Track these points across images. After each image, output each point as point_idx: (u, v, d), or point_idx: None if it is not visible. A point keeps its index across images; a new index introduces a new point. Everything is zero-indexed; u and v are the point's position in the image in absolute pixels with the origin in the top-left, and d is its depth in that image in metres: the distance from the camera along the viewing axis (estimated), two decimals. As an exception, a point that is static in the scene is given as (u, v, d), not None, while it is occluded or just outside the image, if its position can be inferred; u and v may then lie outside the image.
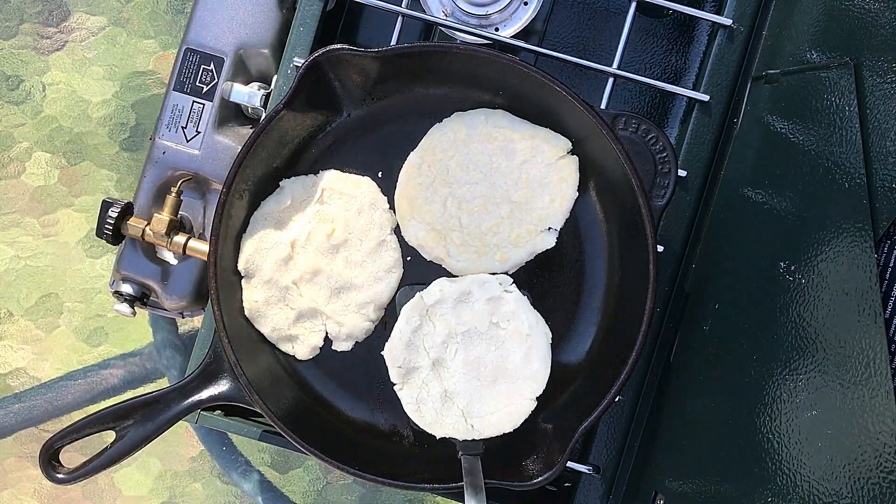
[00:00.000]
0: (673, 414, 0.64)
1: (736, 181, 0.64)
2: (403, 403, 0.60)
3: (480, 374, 0.60)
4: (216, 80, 0.72)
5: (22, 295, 0.89)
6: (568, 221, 0.63)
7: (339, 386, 0.65)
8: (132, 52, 0.89)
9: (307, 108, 0.61)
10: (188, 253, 0.69)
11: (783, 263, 0.52)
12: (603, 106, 0.66)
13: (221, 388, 0.60)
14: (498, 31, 0.67)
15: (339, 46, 0.57)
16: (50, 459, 0.59)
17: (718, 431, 0.55)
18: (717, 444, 0.55)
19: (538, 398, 0.60)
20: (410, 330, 0.60)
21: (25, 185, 0.89)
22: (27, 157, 0.89)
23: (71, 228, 0.89)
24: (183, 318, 0.82)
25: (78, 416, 0.85)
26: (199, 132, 0.73)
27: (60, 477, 0.59)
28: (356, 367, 0.65)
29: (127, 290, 0.74)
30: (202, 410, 0.68)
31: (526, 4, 0.67)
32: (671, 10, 0.67)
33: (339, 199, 0.63)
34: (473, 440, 0.60)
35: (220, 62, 0.72)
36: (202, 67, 0.72)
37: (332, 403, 0.65)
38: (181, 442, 0.89)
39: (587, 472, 0.67)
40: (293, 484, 0.89)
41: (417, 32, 0.72)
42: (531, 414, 0.61)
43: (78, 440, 0.59)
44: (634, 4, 0.67)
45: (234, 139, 0.73)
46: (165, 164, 0.73)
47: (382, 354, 0.61)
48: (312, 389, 0.65)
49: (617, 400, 0.60)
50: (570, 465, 0.66)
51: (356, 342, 0.64)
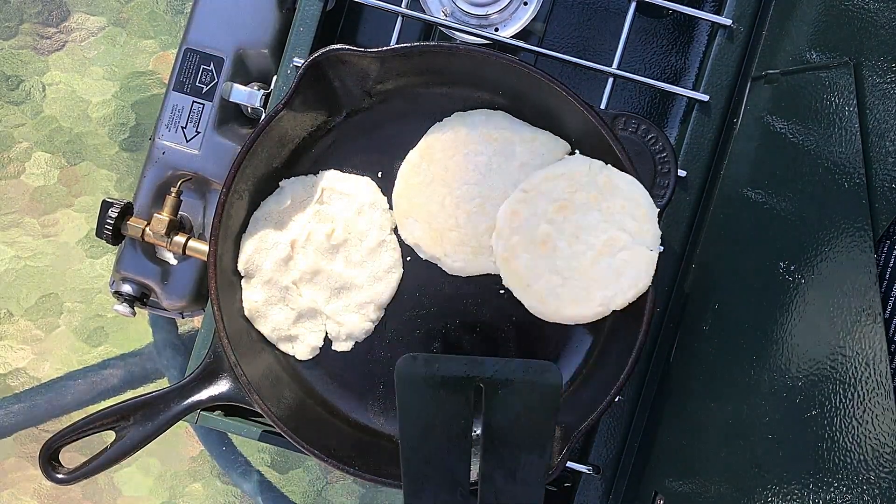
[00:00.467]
0: (673, 414, 0.64)
1: (736, 181, 0.64)
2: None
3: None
4: (216, 80, 0.72)
5: (22, 295, 0.89)
6: (568, 221, 0.62)
7: (339, 386, 0.65)
8: (132, 52, 0.89)
9: (307, 108, 0.61)
10: (188, 253, 0.69)
11: (783, 263, 0.52)
12: (603, 106, 0.66)
13: (221, 388, 0.61)
14: (498, 31, 0.67)
15: (339, 46, 0.57)
16: (50, 459, 0.59)
17: (718, 431, 0.55)
18: (717, 444, 0.55)
19: None
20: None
21: (25, 185, 0.89)
22: (27, 157, 0.89)
23: (71, 228, 0.89)
24: (183, 318, 0.82)
25: (78, 416, 0.85)
26: (199, 132, 0.73)
27: (60, 477, 0.59)
28: (356, 367, 0.65)
29: (127, 290, 0.74)
30: (202, 410, 0.68)
31: (526, 4, 0.67)
32: (671, 10, 0.67)
33: (339, 199, 0.63)
34: None
35: (220, 62, 0.72)
36: (202, 67, 0.72)
37: (332, 403, 0.65)
38: (181, 442, 0.89)
39: (587, 472, 0.67)
40: (293, 484, 0.89)
41: (417, 32, 0.72)
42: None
43: (78, 440, 0.59)
44: (634, 4, 0.67)
45: (234, 139, 0.73)
46: (165, 164, 0.73)
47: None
48: (312, 389, 0.65)
49: (617, 400, 0.60)
50: (570, 465, 0.66)
51: (356, 342, 0.64)
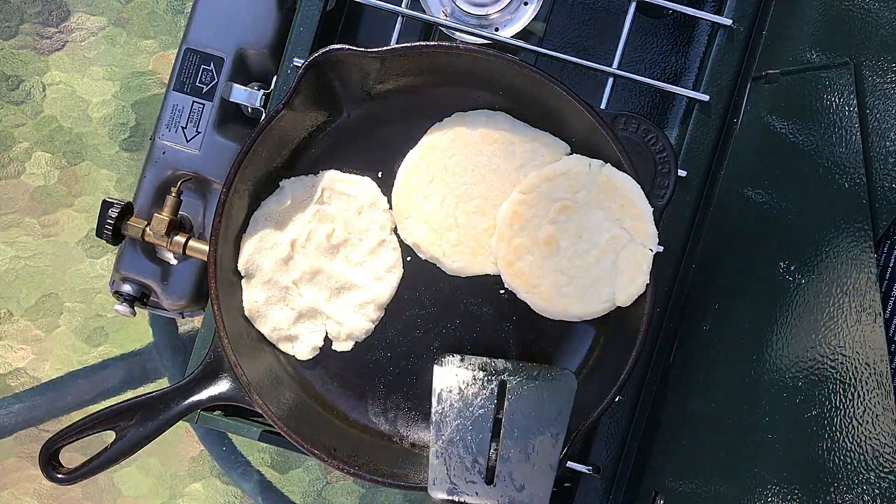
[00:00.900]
0: (673, 414, 0.64)
1: (736, 181, 0.64)
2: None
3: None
4: (216, 80, 0.72)
5: (22, 295, 0.89)
6: (568, 221, 0.62)
7: (339, 386, 0.65)
8: (132, 52, 0.89)
9: (307, 108, 0.61)
10: (188, 253, 0.69)
11: (783, 263, 0.52)
12: (603, 106, 0.66)
13: (221, 388, 0.61)
14: (498, 31, 0.67)
15: (339, 46, 0.57)
16: (50, 459, 0.59)
17: (718, 431, 0.55)
18: (717, 444, 0.55)
19: None
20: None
21: (25, 185, 0.89)
22: (27, 157, 0.89)
23: (71, 228, 0.89)
24: (183, 318, 0.82)
25: (78, 416, 0.85)
26: (199, 132, 0.73)
27: (60, 477, 0.59)
28: (356, 367, 0.65)
29: (127, 290, 0.74)
30: (202, 410, 0.68)
31: (526, 4, 0.67)
32: (671, 10, 0.67)
33: (339, 199, 0.63)
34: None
35: (220, 62, 0.72)
36: (202, 67, 0.72)
37: (332, 403, 0.65)
38: (181, 442, 0.89)
39: (587, 472, 0.67)
40: (293, 484, 0.89)
41: (417, 32, 0.72)
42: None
43: (78, 440, 0.59)
44: (634, 4, 0.67)
45: (234, 139, 0.73)
46: (165, 164, 0.73)
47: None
48: (312, 389, 0.65)
49: (617, 400, 0.60)
50: (570, 465, 0.66)
51: (356, 342, 0.64)
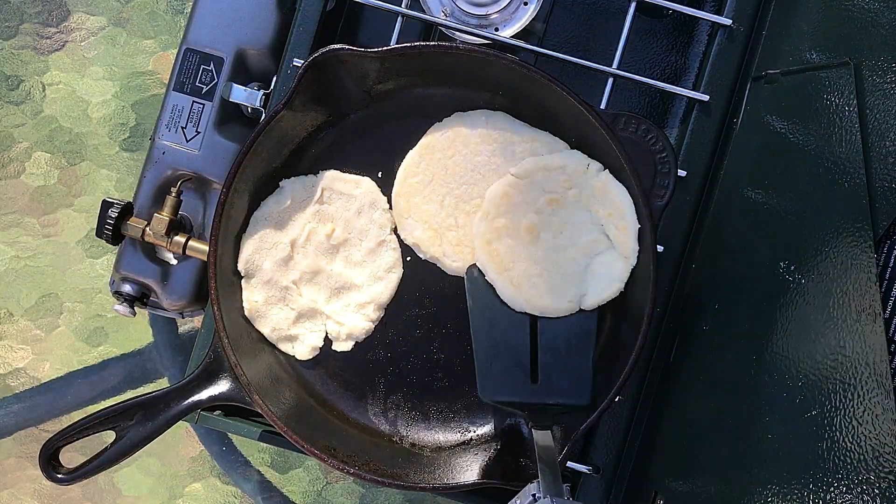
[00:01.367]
0: (673, 414, 0.64)
1: (736, 181, 0.64)
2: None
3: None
4: (216, 80, 0.72)
5: (22, 295, 0.89)
6: (568, 221, 0.62)
7: (339, 386, 0.65)
8: (132, 52, 0.89)
9: (307, 108, 0.61)
10: (188, 253, 0.69)
11: (783, 263, 0.52)
12: (603, 106, 0.66)
13: (221, 388, 0.60)
14: (498, 31, 0.67)
15: (339, 46, 0.57)
16: (50, 459, 0.59)
17: (718, 431, 0.55)
18: (717, 444, 0.55)
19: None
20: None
21: (25, 185, 0.89)
22: (27, 157, 0.89)
23: (71, 228, 0.89)
24: (183, 318, 0.82)
25: (78, 416, 0.85)
26: (199, 132, 0.73)
27: (60, 477, 0.59)
28: (356, 367, 0.65)
29: (127, 290, 0.74)
30: (202, 410, 0.68)
31: (526, 4, 0.67)
32: (671, 10, 0.67)
33: (338, 199, 0.63)
34: (541, 409, 0.59)
35: (220, 62, 0.72)
36: (202, 67, 0.72)
37: (332, 403, 0.65)
38: (181, 442, 0.89)
39: (587, 472, 0.67)
40: (293, 484, 0.89)
41: (417, 32, 0.72)
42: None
43: (78, 440, 0.59)
44: (634, 4, 0.67)
45: (234, 139, 0.73)
46: (165, 164, 0.73)
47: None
48: (312, 389, 0.65)
49: (617, 400, 0.60)
50: (570, 465, 0.66)
51: (356, 342, 0.64)
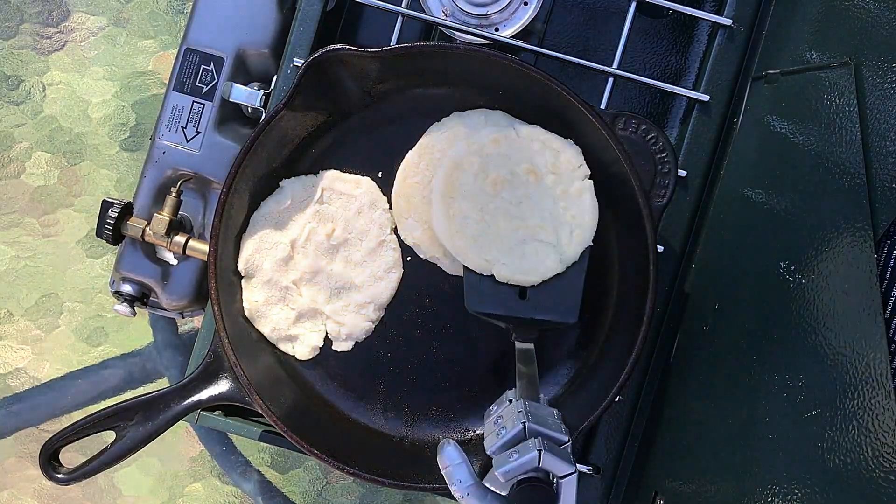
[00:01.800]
0: (673, 414, 0.64)
1: (736, 181, 0.64)
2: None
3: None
4: (216, 80, 0.72)
5: (22, 295, 0.89)
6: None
7: (339, 386, 0.65)
8: (132, 52, 0.89)
9: (307, 108, 0.61)
10: (188, 253, 0.69)
11: (783, 263, 0.52)
12: (603, 106, 0.66)
13: (221, 388, 0.60)
14: (498, 31, 0.67)
15: (339, 46, 0.57)
16: (50, 459, 0.59)
17: (718, 431, 0.55)
18: (717, 444, 0.55)
19: None
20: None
21: (25, 185, 0.89)
22: (27, 157, 0.89)
23: (71, 228, 0.89)
24: (183, 318, 0.82)
25: (78, 416, 0.85)
26: (199, 132, 0.73)
27: (60, 477, 0.59)
28: (356, 367, 0.65)
29: (127, 290, 0.74)
30: (202, 410, 0.68)
31: (526, 4, 0.67)
32: (671, 10, 0.67)
33: (339, 199, 0.63)
34: (527, 323, 0.60)
35: (220, 62, 0.72)
36: (202, 67, 0.72)
37: (332, 403, 0.65)
38: (181, 442, 0.89)
39: (587, 472, 0.67)
40: (293, 484, 0.89)
41: (417, 32, 0.72)
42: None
43: (78, 440, 0.59)
44: (634, 4, 0.67)
45: (234, 139, 0.73)
46: (165, 164, 0.73)
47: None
48: (312, 389, 0.65)
49: (617, 400, 0.60)
50: (570, 465, 0.66)
51: (356, 342, 0.64)
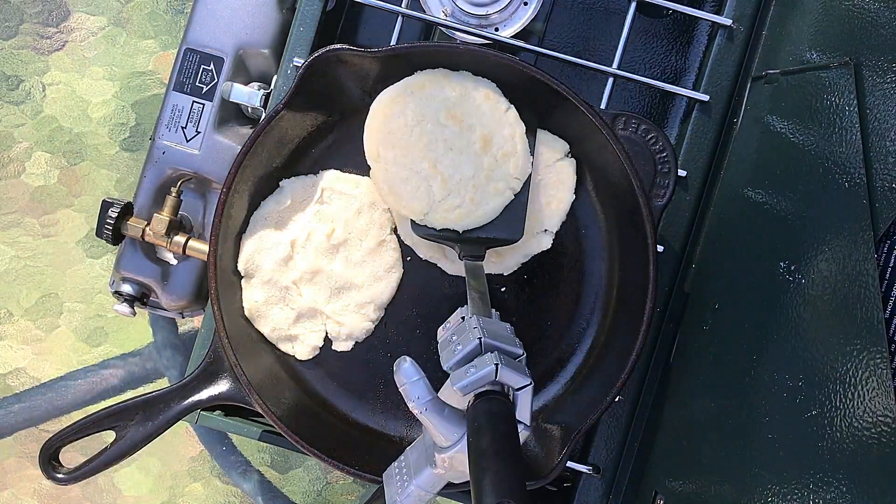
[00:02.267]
0: (673, 414, 0.64)
1: (736, 181, 0.64)
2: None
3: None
4: (216, 80, 0.72)
5: (22, 295, 0.89)
6: (567, 222, 0.63)
7: (339, 386, 0.65)
8: (132, 52, 0.89)
9: (307, 108, 0.61)
10: (188, 253, 0.69)
11: (783, 263, 0.52)
12: (603, 106, 0.66)
13: (221, 388, 0.60)
14: (498, 31, 0.67)
15: (338, 46, 0.57)
16: (50, 459, 0.59)
17: (718, 431, 0.55)
18: (717, 444, 0.55)
19: None
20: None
21: (25, 185, 0.89)
22: (27, 157, 0.89)
23: (71, 228, 0.89)
24: (183, 318, 0.82)
25: (78, 416, 0.85)
26: (199, 132, 0.73)
27: (60, 477, 0.59)
28: (356, 367, 0.65)
29: (127, 290, 0.74)
30: (202, 410, 0.68)
31: (526, 4, 0.67)
32: (671, 10, 0.67)
33: (339, 199, 0.63)
34: (474, 242, 0.60)
35: (220, 62, 0.72)
36: (202, 67, 0.72)
37: (332, 403, 0.65)
38: (181, 442, 0.89)
39: (587, 472, 0.67)
40: (293, 484, 0.89)
41: (417, 32, 0.72)
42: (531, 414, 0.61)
43: (78, 440, 0.59)
44: (634, 4, 0.67)
45: (234, 139, 0.73)
46: (165, 164, 0.73)
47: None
48: (312, 389, 0.65)
49: (617, 400, 0.60)
50: (570, 464, 0.66)
51: (356, 342, 0.64)
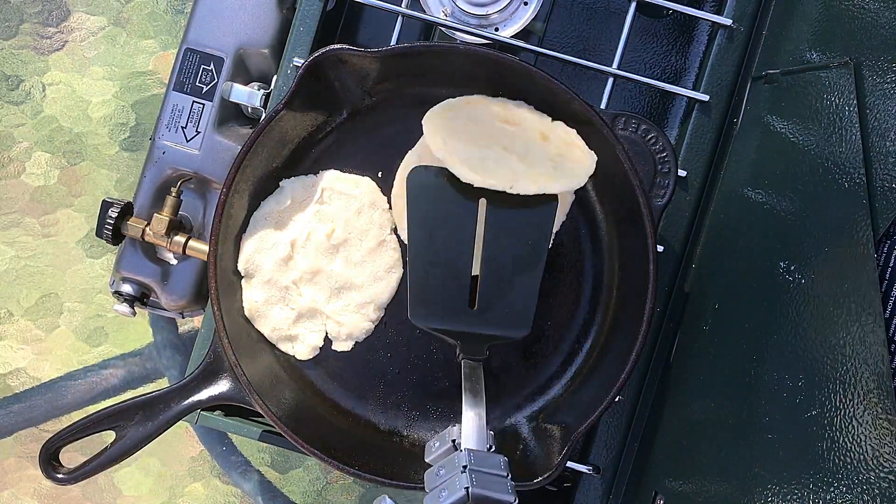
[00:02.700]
0: (673, 414, 0.64)
1: (736, 181, 0.64)
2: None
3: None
4: (216, 80, 0.72)
5: (22, 295, 0.89)
6: (567, 222, 0.63)
7: (339, 386, 0.65)
8: (132, 52, 0.89)
9: (307, 108, 0.61)
10: (188, 253, 0.69)
11: (783, 263, 0.52)
12: (603, 106, 0.66)
13: (221, 388, 0.60)
14: (498, 31, 0.67)
15: (339, 46, 0.57)
16: (50, 459, 0.59)
17: (718, 431, 0.55)
18: (717, 444, 0.55)
19: None
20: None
21: (25, 185, 0.89)
22: (27, 157, 0.89)
23: (71, 228, 0.89)
24: (183, 318, 0.82)
25: (78, 416, 0.85)
26: (199, 132, 0.73)
27: (60, 477, 0.59)
28: (356, 367, 0.65)
29: (127, 290, 0.74)
30: (202, 410, 0.68)
31: (526, 4, 0.67)
32: (671, 10, 0.67)
33: (339, 199, 0.63)
34: (476, 339, 0.58)
35: (220, 62, 0.72)
36: (202, 67, 0.72)
37: (332, 403, 0.65)
38: (181, 442, 0.89)
39: (587, 472, 0.67)
40: (293, 484, 0.89)
41: (417, 32, 0.72)
42: (532, 414, 0.61)
43: (78, 440, 0.59)
44: (634, 4, 0.67)
45: (234, 139, 0.73)
46: (165, 164, 0.73)
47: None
48: (312, 389, 0.65)
49: (617, 400, 0.60)
50: (570, 465, 0.66)
51: (356, 342, 0.64)
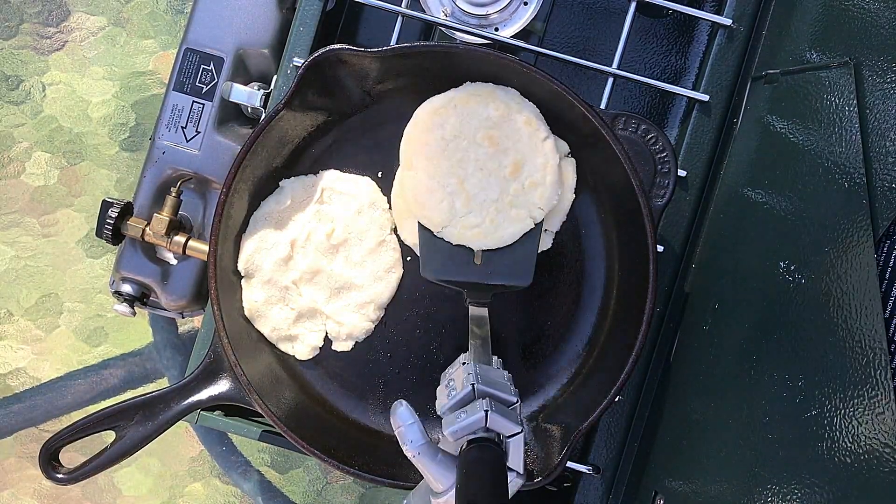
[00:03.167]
0: (673, 414, 0.64)
1: (736, 181, 0.64)
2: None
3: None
4: (216, 80, 0.72)
5: (22, 295, 0.89)
6: (567, 222, 0.63)
7: (339, 386, 0.65)
8: (132, 52, 0.89)
9: (307, 108, 0.61)
10: (188, 253, 0.69)
11: (783, 263, 0.52)
12: (603, 106, 0.66)
13: (221, 388, 0.60)
14: (498, 31, 0.67)
15: (339, 46, 0.57)
16: (50, 459, 0.59)
17: (718, 431, 0.55)
18: (717, 444, 0.55)
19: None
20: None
21: (25, 185, 0.89)
22: (27, 157, 0.89)
23: (71, 228, 0.89)
24: (183, 318, 0.82)
25: (78, 416, 0.85)
26: (198, 132, 0.73)
27: (60, 477, 0.59)
28: (356, 367, 0.65)
29: (127, 290, 0.74)
30: (202, 410, 0.68)
31: (526, 4, 0.67)
32: (671, 10, 0.67)
33: (338, 198, 0.63)
34: (482, 288, 0.60)
35: (220, 62, 0.72)
36: (202, 67, 0.72)
37: (332, 403, 0.65)
38: (181, 442, 0.89)
39: (587, 472, 0.67)
40: (293, 484, 0.89)
41: (417, 32, 0.72)
42: (531, 414, 0.61)
43: (78, 440, 0.59)
44: (634, 4, 0.67)
45: (234, 139, 0.73)
46: (165, 164, 0.73)
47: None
48: (312, 389, 0.65)
49: (617, 400, 0.60)
50: (570, 465, 0.66)
51: (356, 342, 0.64)
